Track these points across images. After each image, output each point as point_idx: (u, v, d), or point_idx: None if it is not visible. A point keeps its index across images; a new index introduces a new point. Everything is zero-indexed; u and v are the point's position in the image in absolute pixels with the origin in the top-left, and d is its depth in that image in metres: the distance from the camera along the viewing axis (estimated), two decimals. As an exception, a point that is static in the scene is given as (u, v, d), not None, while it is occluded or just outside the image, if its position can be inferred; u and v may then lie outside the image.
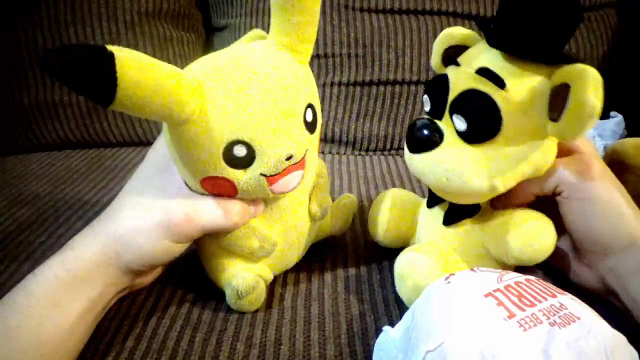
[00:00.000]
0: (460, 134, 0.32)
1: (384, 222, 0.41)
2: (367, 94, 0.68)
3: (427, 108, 0.35)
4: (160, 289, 0.40)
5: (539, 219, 0.34)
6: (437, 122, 0.33)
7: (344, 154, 0.69)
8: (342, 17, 0.68)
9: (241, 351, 0.34)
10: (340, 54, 0.68)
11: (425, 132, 0.33)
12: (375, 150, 0.69)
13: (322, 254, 0.44)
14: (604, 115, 0.64)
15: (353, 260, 0.43)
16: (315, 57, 0.69)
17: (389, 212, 0.41)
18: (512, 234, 0.34)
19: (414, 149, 0.34)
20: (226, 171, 0.31)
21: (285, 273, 0.41)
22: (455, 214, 0.37)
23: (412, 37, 0.67)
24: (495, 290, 0.27)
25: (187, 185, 0.34)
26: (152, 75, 0.26)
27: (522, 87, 0.30)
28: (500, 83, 0.30)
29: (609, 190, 0.33)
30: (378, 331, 0.33)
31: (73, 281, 0.31)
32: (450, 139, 0.32)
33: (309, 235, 0.40)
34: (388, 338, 0.30)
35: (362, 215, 0.51)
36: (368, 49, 0.68)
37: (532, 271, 0.33)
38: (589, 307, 0.27)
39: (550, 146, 0.33)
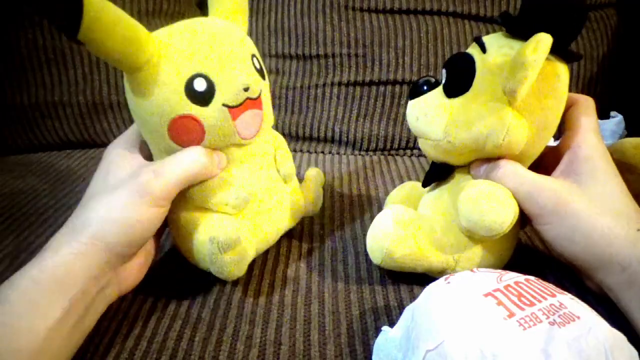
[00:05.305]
0: (444, 88, 0.37)
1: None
2: (367, 94, 0.68)
3: (443, 80, 0.38)
4: (158, 289, 0.39)
5: (496, 185, 0.35)
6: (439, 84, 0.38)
7: (344, 154, 0.69)
8: (342, 17, 0.68)
9: (241, 351, 0.34)
10: (340, 54, 0.68)
11: (422, 84, 0.39)
12: (375, 150, 0.69)
13: (321, 253, 0.44)
14: (604, 115, 0.64)
15: (353, 259, 0.43)
16: (315, 57, 0.69)
17: (394, 199, 0.46)
18: (464, 193, 0.35)
19: (410, 96, 0.40)
20: (191, 107, 0.33)
21: (285, 271, 0.41)
22: (431, 175, 0.41)
23: (412, 37, 0.67)
24: (495, 290, 0.27)
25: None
26: (113, 8, 0.29)
27: (499, 52, 0.34)
28: (483, 48, 0.35)
29: (572, 216, 0.33)
30: (378, 331, 0.33)
31: (51, 282, 0.29)
32: (436, 92, 0.37)
33: (285, 205, 0.41)
34: (387, 338, 0.30)
35: (361, 214, 0.51)
36: (368, 49, 0.68)
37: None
38: (589, 307, 0.28)
39: (513, 119, 0.33)
